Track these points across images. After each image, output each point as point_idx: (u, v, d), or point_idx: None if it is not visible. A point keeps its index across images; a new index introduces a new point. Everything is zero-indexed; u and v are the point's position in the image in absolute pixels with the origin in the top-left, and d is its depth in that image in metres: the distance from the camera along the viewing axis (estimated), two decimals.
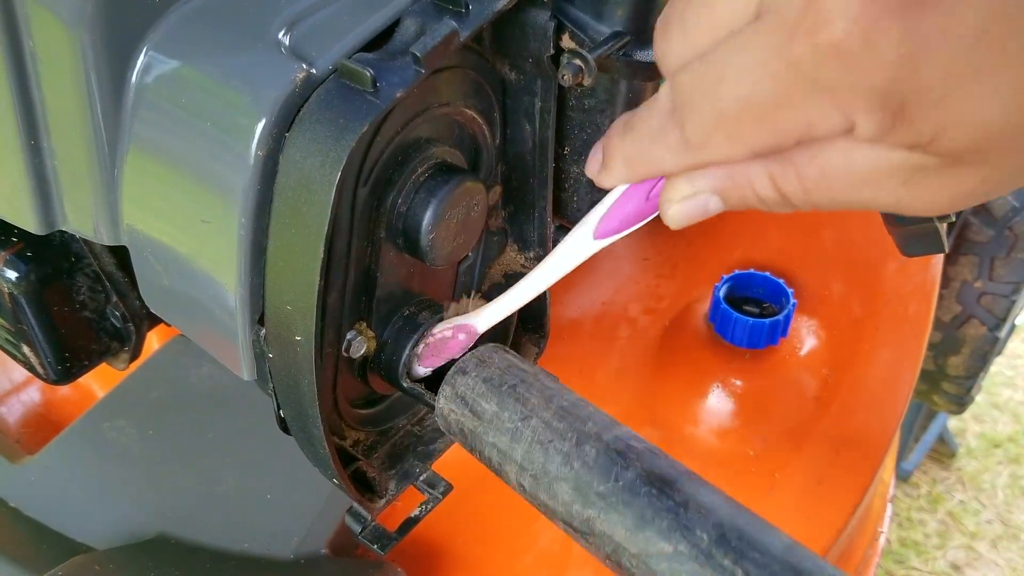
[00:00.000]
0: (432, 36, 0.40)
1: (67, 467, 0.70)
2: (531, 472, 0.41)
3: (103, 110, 0.44)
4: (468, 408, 0.43)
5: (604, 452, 0.40)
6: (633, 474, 0.39)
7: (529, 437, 0.41)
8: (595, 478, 0.40)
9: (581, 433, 0.41)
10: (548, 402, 0.43)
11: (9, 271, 0.54)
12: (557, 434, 0.41)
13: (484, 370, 0.44)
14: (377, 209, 0.45)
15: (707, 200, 0.39)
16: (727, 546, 0.37)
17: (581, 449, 0.40)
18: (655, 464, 0.40)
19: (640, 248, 0.85)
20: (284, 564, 0.64)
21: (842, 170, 0.35)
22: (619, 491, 0.39)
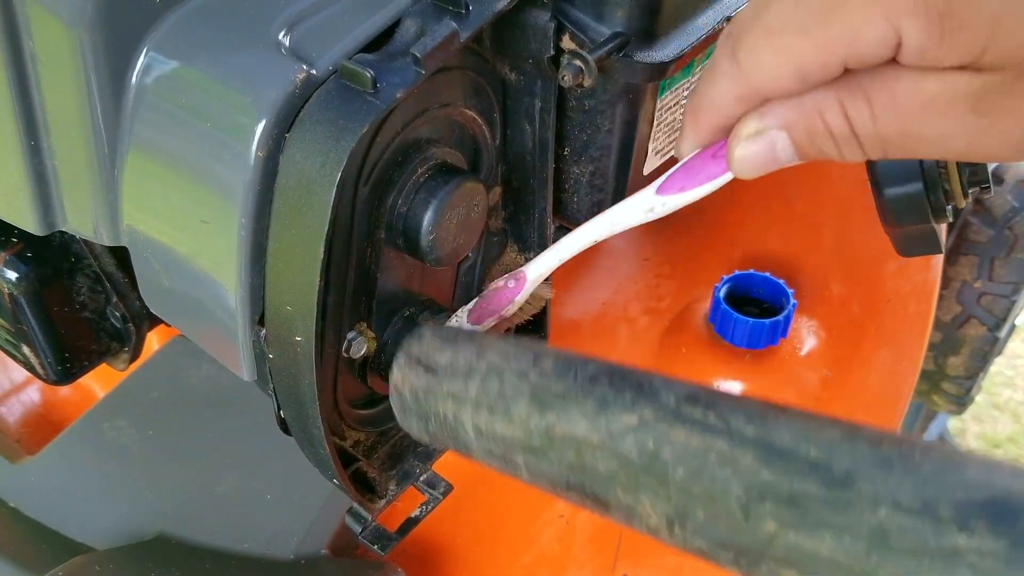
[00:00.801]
0: (432, 37, 0.40)
1: (67, 467, 0.70)
2: (486, 405, 0.38)
3: (103, 111, 0.44)
4: (421, 367, 0.40)
5: (563, 361, 0.37)
6: (593, 369, 0.37)
7: (484, 369, 0.38)
8: (552, 382, 0.37)
9: (538, 353, 0.38)
10: (503, 343, 0.40)
11: (9, 271, 0.54)
12: (512, 357, 0.38)
13: (440, 332, 0.42)
14: (377, 210, 0.45)
15: (775, 139, 0.38)
16: (696, 400, 0.34)
17: (538, 363, 0.38)
18: (612, 365, 0.37)
19: (640, 248, 0.85)
20: (284, 564, 0.64)
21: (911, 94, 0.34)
22: (578, 387, 0.36)
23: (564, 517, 0.70)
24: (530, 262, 0.49)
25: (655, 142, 0.53)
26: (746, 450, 0.32)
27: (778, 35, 0.35)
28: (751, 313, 0.75)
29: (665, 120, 0.53)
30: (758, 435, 0.32)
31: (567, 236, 0.46)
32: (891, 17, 0.33)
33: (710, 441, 0.33)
